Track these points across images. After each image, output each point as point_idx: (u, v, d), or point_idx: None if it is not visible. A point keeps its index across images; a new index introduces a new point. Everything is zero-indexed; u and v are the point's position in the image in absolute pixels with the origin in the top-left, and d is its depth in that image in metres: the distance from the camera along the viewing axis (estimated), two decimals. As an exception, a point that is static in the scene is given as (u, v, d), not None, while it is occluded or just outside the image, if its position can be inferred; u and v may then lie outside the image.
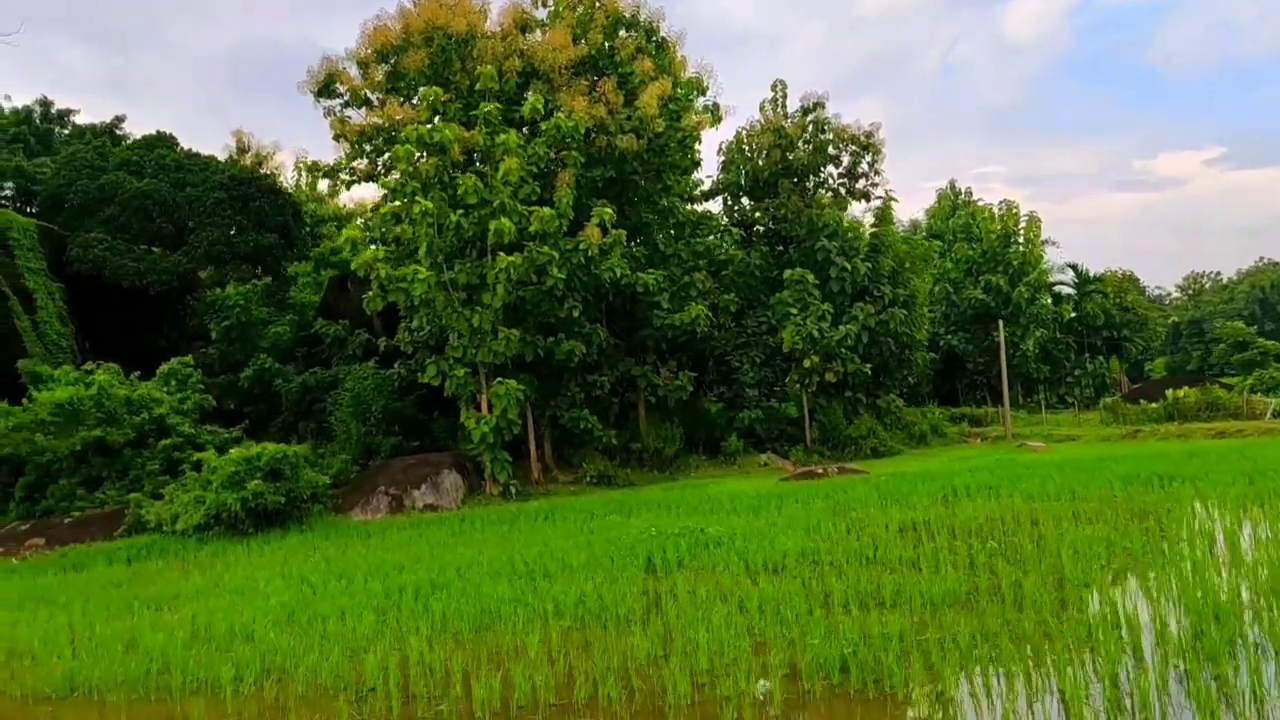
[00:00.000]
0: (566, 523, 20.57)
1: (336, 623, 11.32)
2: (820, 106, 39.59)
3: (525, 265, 27.62)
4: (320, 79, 32.28)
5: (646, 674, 8.54)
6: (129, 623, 12.78)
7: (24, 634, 12.70)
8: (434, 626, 10.77)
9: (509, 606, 11.22)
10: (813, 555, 13.25)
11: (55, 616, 14.00)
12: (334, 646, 9.96)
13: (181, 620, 12.46)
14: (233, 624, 11.58)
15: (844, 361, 35.28)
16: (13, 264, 35.56)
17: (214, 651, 10.44)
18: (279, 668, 9.60)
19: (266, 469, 24.71)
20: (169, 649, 10.54)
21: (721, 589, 11.44)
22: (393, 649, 9.76)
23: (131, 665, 10.04)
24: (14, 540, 25.00)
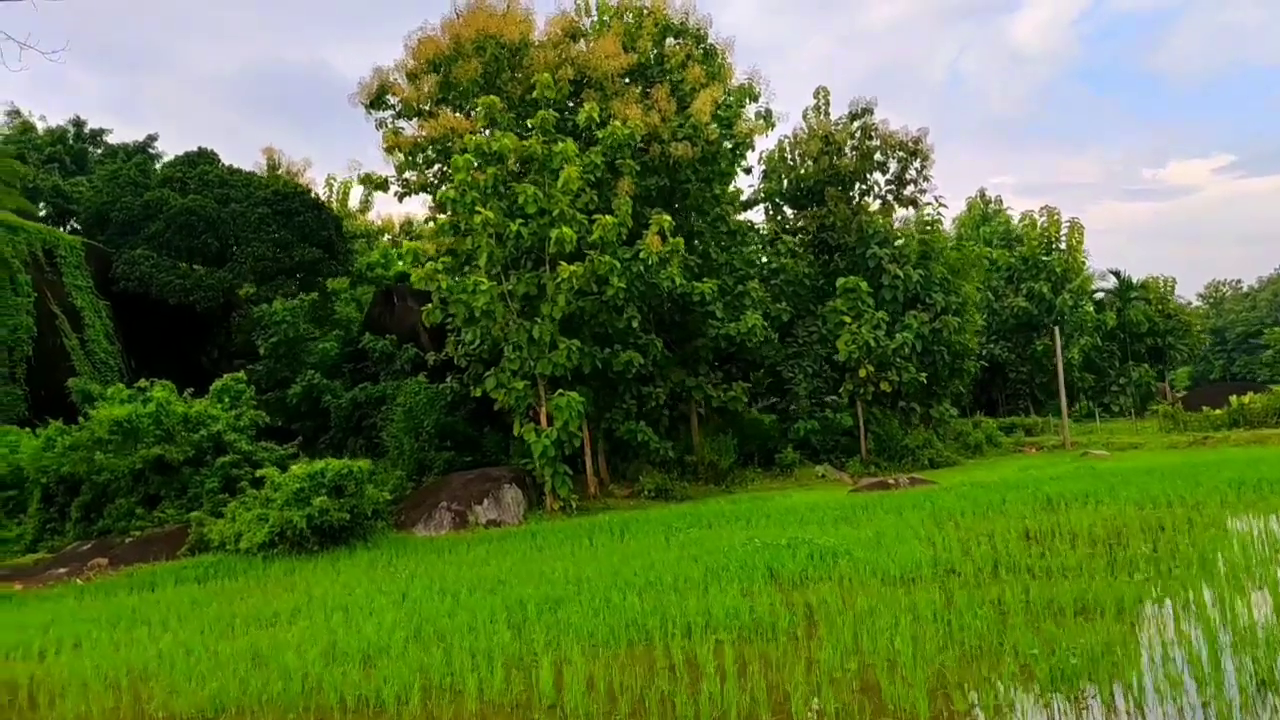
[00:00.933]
0: (647, 536, 20.07)
1: (470, 637, 10.85)
2: (869, 112, 39.20)
3: (587, 274, 27.24)
4: (373, 90, 32.06)
5: (867, 688, 8.07)
6: (243, 641, 12.34)
7: (135, 655, 12.26)
8: (581, 640, 10.30)
9: (653, 620, 10.75)
10: (946, 564, 12.74)
11: (158, 636, 13.58)
12: (491, 661, 9.49)
13: (299, 638, 12.00)
14: (362, 641, 11.11)
15: (899, 370, 34.76)
16: (60, 282, 35.40)
17: (360, 669, 9.98)
18: (439, 685, 9.14)
19: (330, 485, 24.32)
20: (307, 667, 10.10)
21: (872, 599, 10.94)
22: (552, 664, 9.27)
23: (275, 684, 9.60)
24: (77, 560, 24.62)
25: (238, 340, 39.79)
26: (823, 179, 39.69)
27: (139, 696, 10.33)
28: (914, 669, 8.17)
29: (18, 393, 32.76)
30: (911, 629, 9.23)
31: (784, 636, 9.74)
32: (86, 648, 13.46)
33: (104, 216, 38.87)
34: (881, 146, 39.51)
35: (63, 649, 13.73)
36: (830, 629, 9.66)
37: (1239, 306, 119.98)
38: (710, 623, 10.48)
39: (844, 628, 9.60)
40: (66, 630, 15.03)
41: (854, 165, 39.40)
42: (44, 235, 35.65)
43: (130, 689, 10.70)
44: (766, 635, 9.92)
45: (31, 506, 27.87)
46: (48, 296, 34.38)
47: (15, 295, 33.16)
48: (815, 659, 8.76)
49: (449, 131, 30.18)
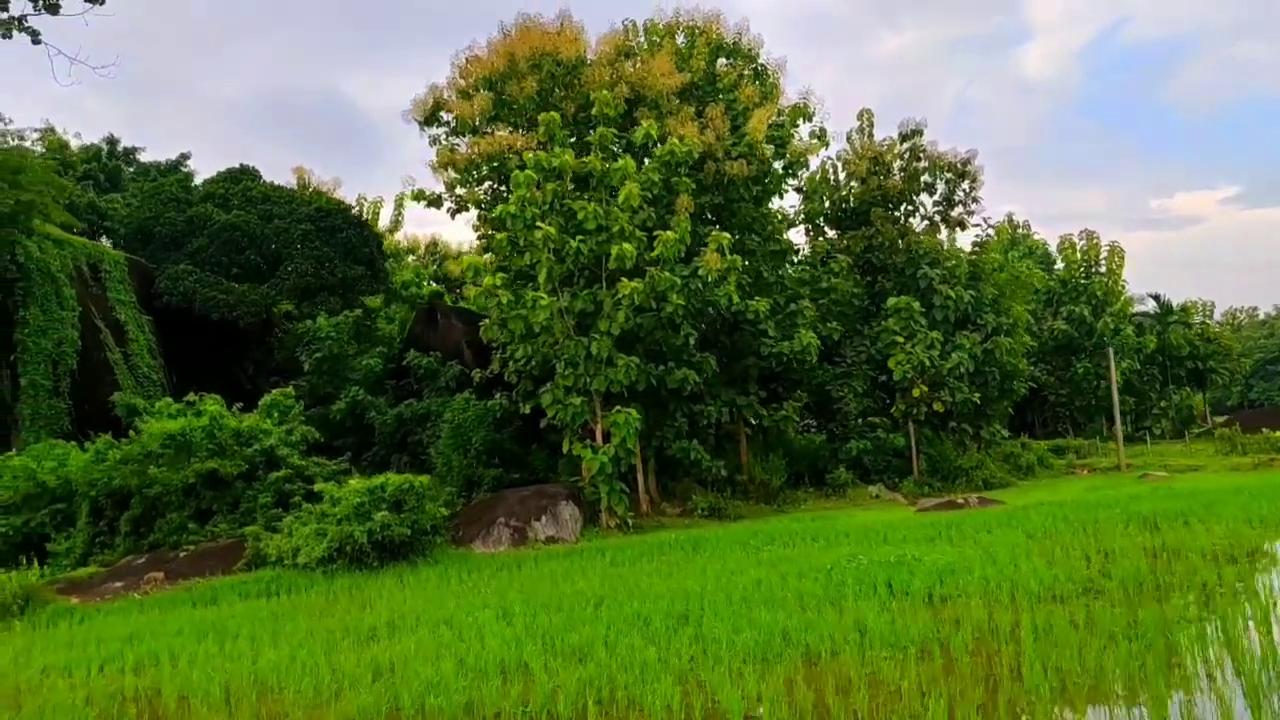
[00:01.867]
0: (727, 554, 19.60)
1: (608, 653, 10.41)
2: (918, 133, 38.96)
3: (647, 291, 26.90)
4: (427, 107, 31.91)
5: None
6: (355, 656, 11.93)
7: (244, 668, 11.83)
8: (736, 656, 9.83)
9: (808, 635, 10.30)
10: (1083, 581, 12.29)
11: (258, 650, 13.16)
12: (653, 677, 9.05)
13: (416, 652, 11.58)
14: (491, 655, 10.67)
15: (952, 391, 34.33)
16: (104, 297, 35.17)
17: (506, 684, 9.54)
18: (612, 699, 8.71)
19: (390, 500, 23.92)
20: (447, 681, 9.66)
21: (1033, 616, 10.44)
22: (734, 677, 8.83)
23: (429, 699, 9.17)
24: (131, 574, 24.18)
25: (279, 356, 39.49)
26: (869, 200, 39.44)
27: (274, 710, 9.91)
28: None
29: (61, 406, 32.45)
30: (1106, 647, 8.77)
31: (963, 654, 9.27)
32: (185, 661, 13.03)
33: (146, 232, 38.70)
34: (929, 168, 39.24)
35: (160, 662, 13.31)
36: (1014, 645, 9.18)
37: (1256, 334, 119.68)
38: (868, 638, 10.02)
39: (1028, 643, 9.13)
40: (155, 643, 14.62)
41: (901, 186, 39.14)
42: (88, 250, 35.47)
43: (259, 702, 10.28)
44: (943, 652, 9.44)
45: (80, 520, 27.43)
46: (92, 311, 34.14)
47: (60, 309, 32.93)
48: (1018, 676, 8.29)
49: (505, 148, 29.96)
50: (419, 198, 33.29)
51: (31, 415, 31.68)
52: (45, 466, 27.79)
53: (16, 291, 31.84)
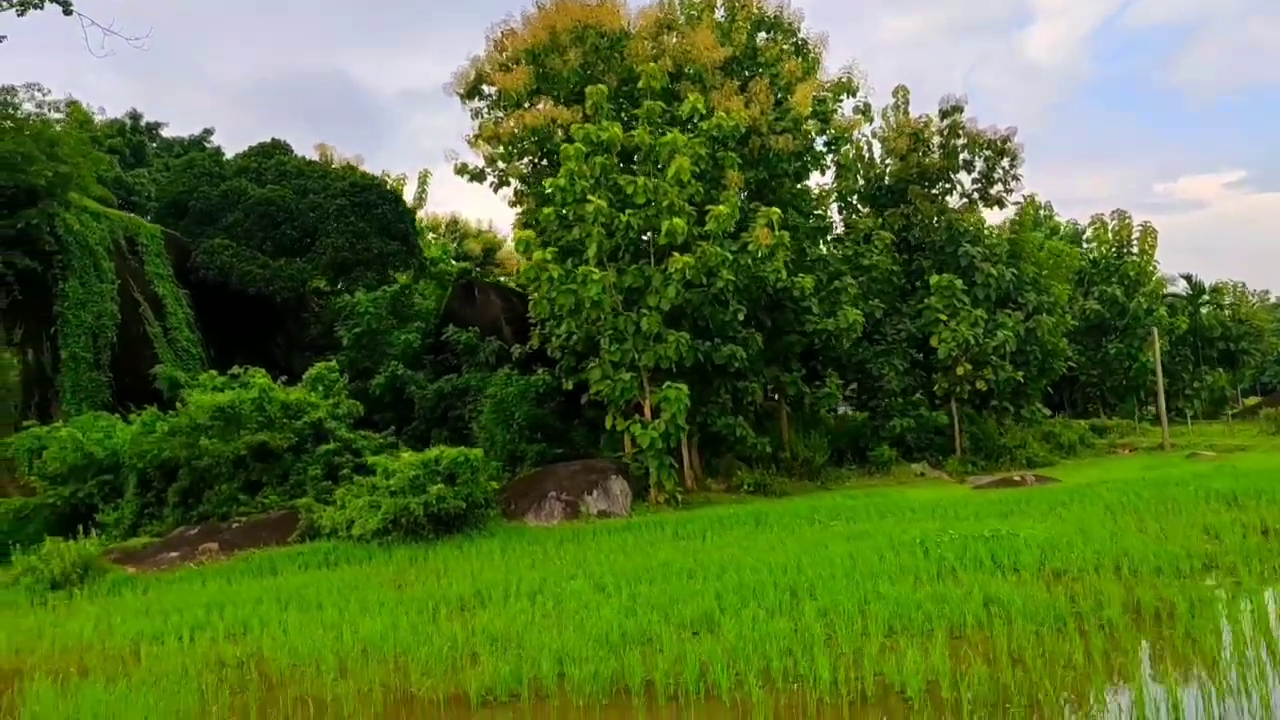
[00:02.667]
0: (795, 529, 19.42)
1: (735, 625, 10.23)
2: (958, 110, 38.56)
3: (698, 266, 26.64)
4: (469, 80, 31.60)
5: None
6: (459, 624, 11.81)
7: (346, 636, 11.69)
8: (879, 627, 9.66)
9: (946, 609, 10.12)
10: (1202, 558, 12.10)
11: (351, 619, 13.02)
12: (804, 651, 8.88)
13: (523, 622, 11.42)
14: (610, 625, 10.50)
15: (995, 369, 34.06)
16: (142, 270, 35.00)
17: (652, 654, 9.36)
18: (766, 671, 8.54)
19: (445, 473, 23.79)
20: (570, 650, 9.51)
21: (1176, 594, 10.24)
22: (888, 650, 8.66)
23: (568, 668, 9.01)
24: (185, 545, 24.10)
25: (314, 330, 39.34)
26: (906, 177, 39.09)
27: (400, 678, 9.76)
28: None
29: (102, 379, 32.34)
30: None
31: (1127, 628, 9.09)
32: (278, 629, 12.93)
33: (180, 206, 38.45)
34: (968, 145, 38.86)
35: (251, 630, 13.21)
36: (1170, 617, 9.00)
37: (1269, 317, 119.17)
38: (1005, 612, 9.84)
39: (1186, 617, 8.95)
40: (238, 612, 14.51)
41: (941, 163, 38.78)
42: (125, 223, 35.29)
43: (380, 669, 10.13)
44: (1101, 627, 9.25)
45: (128, 491, 27.38)
46: (130, 284, 33.98)
47: (100, 282, 32.78)
48: (1193, 644, 8.11)
49: (549, 122, 29.64)
50: (461, 172, 32.96)
51: (72, 388, 31.59)
52: (92, 438, 27.70)
53: (55, 264, 31.68)
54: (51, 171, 30.51)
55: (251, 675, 10.66)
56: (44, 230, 30.91)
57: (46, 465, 27.30)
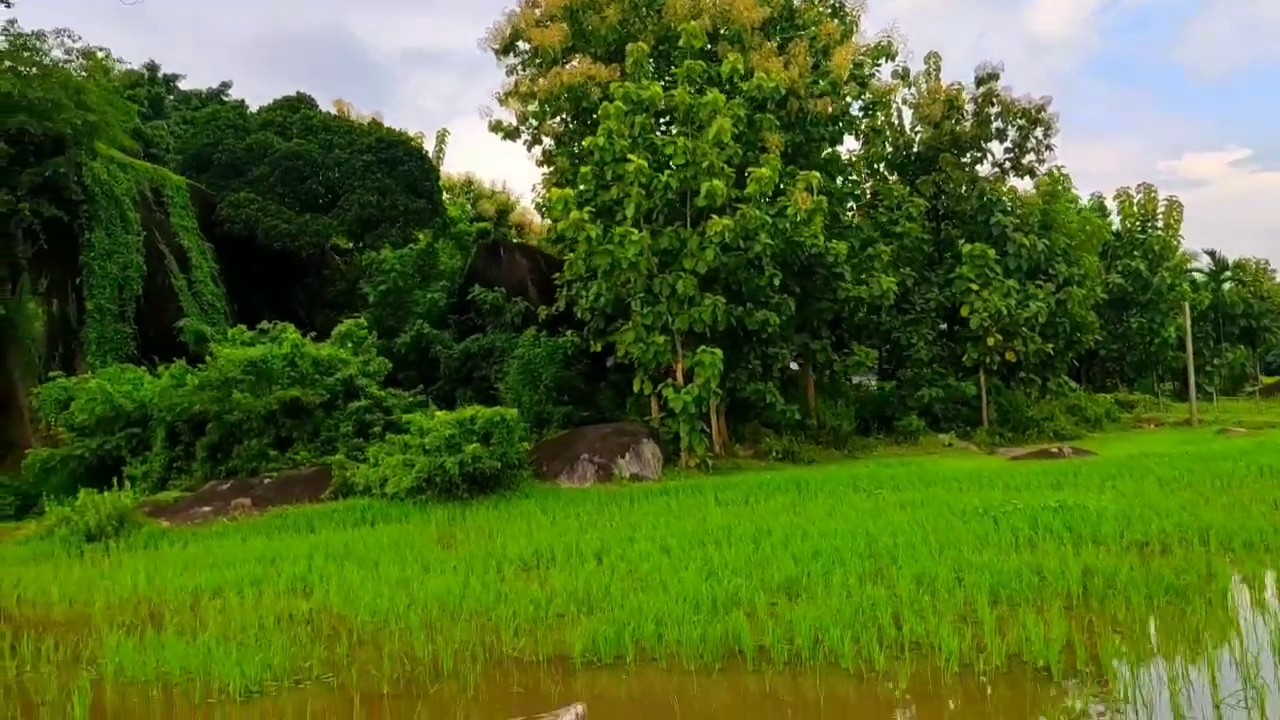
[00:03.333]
0: (843, 496, 19.16)
1: (825, 590, 10.07)
2: (994, 78, 38.01)
3: (737, 229, 26.32)
4: (505, 36, 31.10)
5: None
6: (540, 584, 11.68)
7: (417, 593, 11.52)
8: (986, 597, 9.44)
9: (1049, 578, 9.95)
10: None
11: (417, 576, 12.86)
12: (919, 616, 8.69)
13: (599, 582, 11.25)
14: (705, 591, 10.29)
15: (1025, 340, 33.80)
16: (167, 222, 34.67)
17: (754, 618, 9.18)
18: (879, 634, 8.37)
19: (480, 433, 23.60)
20: (677, 615, 9.35)
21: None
22: (1007, 620, 8.47)
23: (666, 630, 8.84)
24: (217, 500, 23.95)
25: (337, 288, 39.06)
26: (937, 145, 38.61)
27: (489, 635, 9.60)
28: None
29: (127, 331, 32.13)
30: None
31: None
32: (339, 585, 12.77)
33: (204, 158, 38.06)
34: (1002, 113, 38.36)
35: (316, 585, 13.06)
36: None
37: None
38: (1115, 582, 9.65)
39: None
40: (294, 567, 14.38)
41: (973, 131, 38.30)
42: (151, 174, 34.91)
43: (467, 624, 9.96)
44: (1209, 596, 9.08)
45: (156, 444, 27.24)
46: (156, 236, 33.68)
47: (125, 233, 32.47)
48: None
49: (586, 79, 29.20)
50: (496, 129, 32.53)
51: (97, 339, 31.39)
52: (120, 390, 27.50)
53: (82, 214, 31.31)
54: (80, 120, 30.07)
55: (335, 631, 10.48)
56: (71, 179, 30.52)
57: (74, 416, 27.14)
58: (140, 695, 8.74)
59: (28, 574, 16.43)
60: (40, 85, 29.71)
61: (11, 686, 9.37)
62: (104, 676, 9.26)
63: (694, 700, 7.73)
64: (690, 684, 8.00)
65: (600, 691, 8.14)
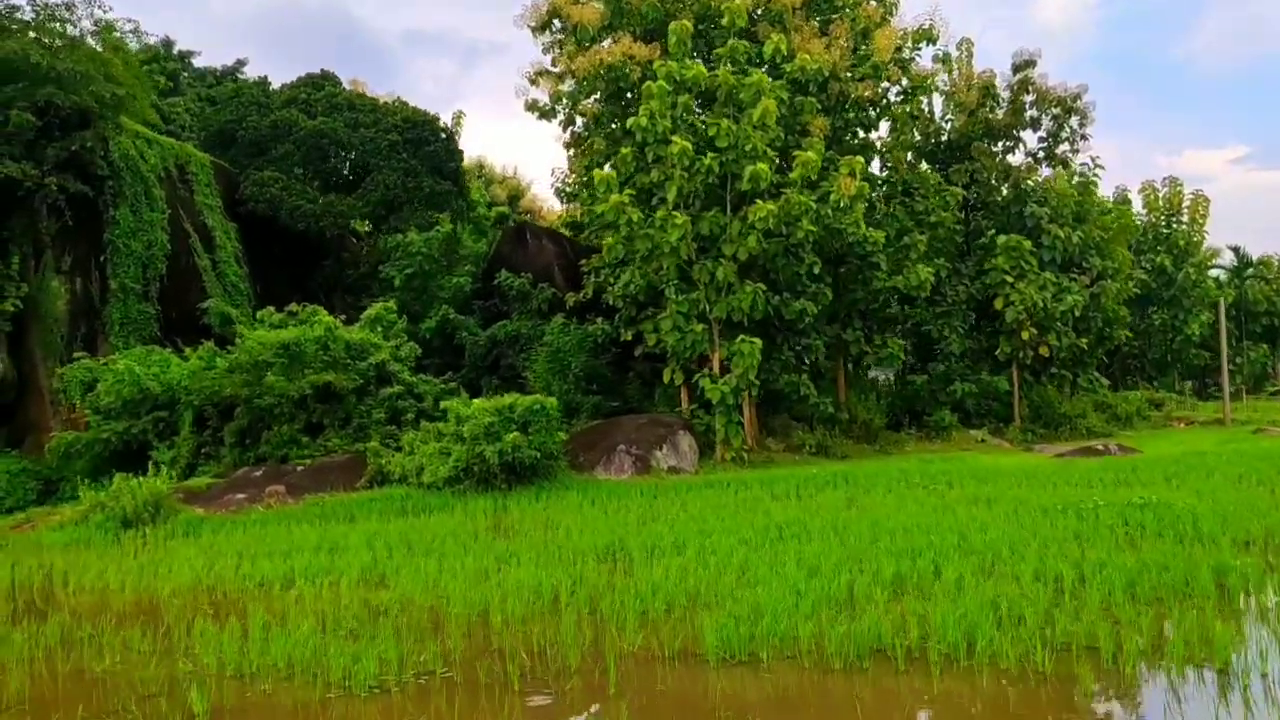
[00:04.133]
0: (899, 492, 18.76)
1: (938, 586, 9.62)
2: (1031, 65, 37.46)
3: (781, 214, 25.81)
4: (543, 13, 30.48)
5: None
6: (633, 578, 11.21)
7: (505, 582, 11.05)
8: (1123, 594, 9.04)
9: (1180, 576, 9.55)
10: None
11: (493, 566, 12.41)
12: (1079, 614, 8.24)
13: (707, 578, 10.81)
14: (821, 586, 9.84)
15: (1059, 335, 33.34)
16: (192, 200, 34.06)
17: (892, 615, 8.74)
18: (1017, 632, 7.93)
19: (520, 421, 23.11)
20: (793, 609, 8.89)
21: None
22: (1161, 619, 8.02)
23: (838, 625, 8.39)
24: (251, 486, 23.46)
25: (362, 269, 38.49)
26: (970, 133, 38.07)
27: (594, 631, 9.14)
28: None
29: (150, 311, 31.49)
30: None
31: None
32: (413, 575, 12.30)
33: (228, 136, 37.44)
34: (1037, 101, 37.84)
35: (389, 575, 12.61)
36: None
37: None
38: (1246, 581, 9.23)
39: None
40: (356, 558, 13.96)
41: (1007, 120, 37.79)
42: (176, 150, 34.25)
43: (564, 621, 9.48)
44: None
45: (184, 429, 26.69)
46: (180, 214, 33.04)
47: (151, 211, 31.84)
48: None
49: (626, 58, 28.62)
50: (532, 108, 31.94)
51: (121, 320, 30.76)
52: (148, 373, 26.95)
53: (107, 190, 30.67)
54: (109, 93, 29.47)
55: (435, 624, 10.02)
56: (98, 154, 29.90)
57: (100, 399, 26.60)
58: (253, 689, 8.27)
59: (72, 560, 15.98)
60: (69, 57, 29.10)
61: (109, 679, 8.89)
62: (203, 668, 8.79)
63: (859, 702, 7.27)
64: (839, 684, 7.56)
65: (748, 691, 7.69)
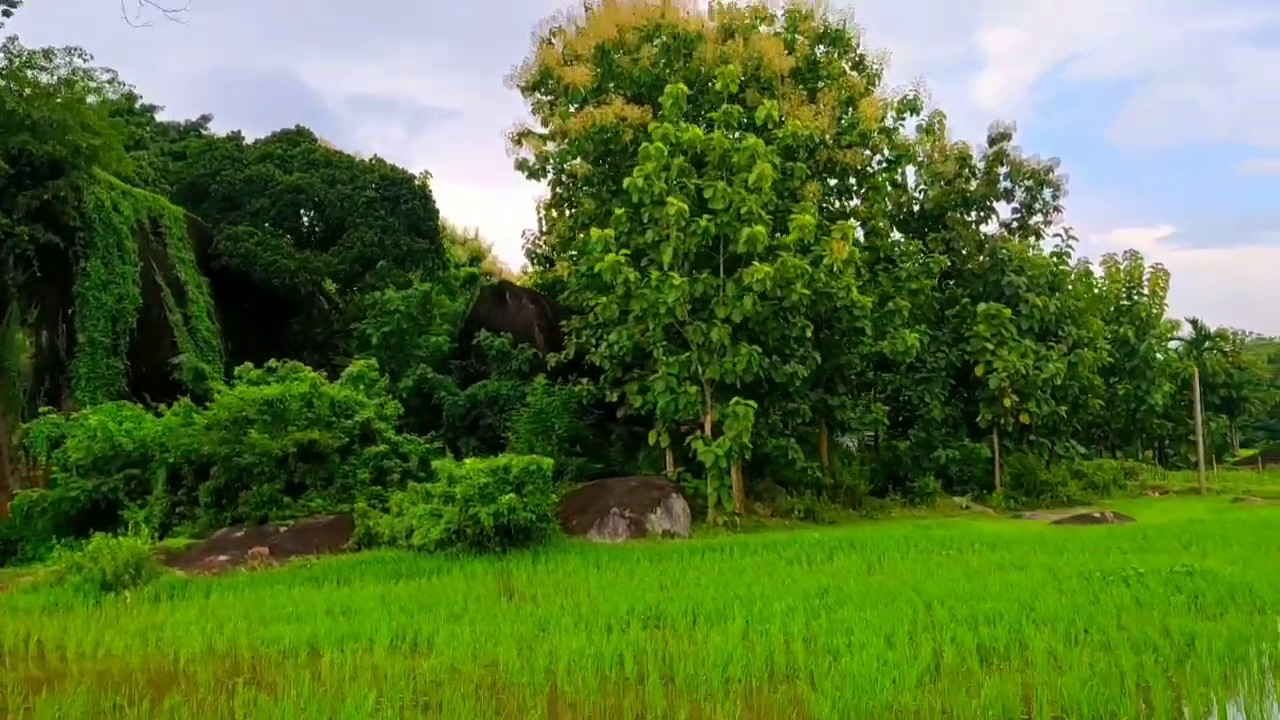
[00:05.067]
0: (914, 559, 18.42)
1: (1058, 659, 9.22)
2: (1007, 138, 38.20)
3: (778, 277, 25.71)
4: (534, 74, 30.45)
5: None
6: (694, 645, 10.64)
7: (554, 650, 10.45)
8: (1220, 661, 8.70)
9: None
10: None
11: (533, 633, 11.80)
12: (1210, 687, 7.88)
13: (772, 645, 10.30)
14: (918, 655, 9.39)
15: (1039, 403, 33.51)
16: (165, 253, 33.19)
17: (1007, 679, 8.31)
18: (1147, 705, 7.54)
19: (514, 482, 22.48)
20: (890, 681, 8.43)
21: None
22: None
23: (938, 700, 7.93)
24: (233, 548, 22.47)
25: (333, 327, 37.72)
26: (946, 203, 38.58)
27: (693, 694, 8.59)
28: None
29: (119, 366, 30.38)
30: None
31: None
32: (449, 640, 11.63)
33: (200, 189, 36.73)
34: (1010, 173, 38.51)
35: (422, 642, 11.91)
36: None
37: (1268, 368, 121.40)
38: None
39: None
40: (380, 621, 13.17)
41: (982, 190, 38.38)
42: (150, 202, 33.45)
43: (643, 689, 8.93)
44: None
45: (157, 487, 25.61)
46: (153, 267, 32.17)
47: (123, 263, 30.93)
48: None
49: (618, 120, 28.61)
50: (521, 167, 31.76)
51: (88, 374, 29.65)
52: (121, 429, 25.91)
53: (78, 241, 29.79)
54: (84, 143, 28.75)
55: (513, 694, 9.38)
56: (70, 204, 29.08)
57: (69, 455, 25.47)
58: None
59: (58, 625, 15.00)
60: (44, 105, 28.39)
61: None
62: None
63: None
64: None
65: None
